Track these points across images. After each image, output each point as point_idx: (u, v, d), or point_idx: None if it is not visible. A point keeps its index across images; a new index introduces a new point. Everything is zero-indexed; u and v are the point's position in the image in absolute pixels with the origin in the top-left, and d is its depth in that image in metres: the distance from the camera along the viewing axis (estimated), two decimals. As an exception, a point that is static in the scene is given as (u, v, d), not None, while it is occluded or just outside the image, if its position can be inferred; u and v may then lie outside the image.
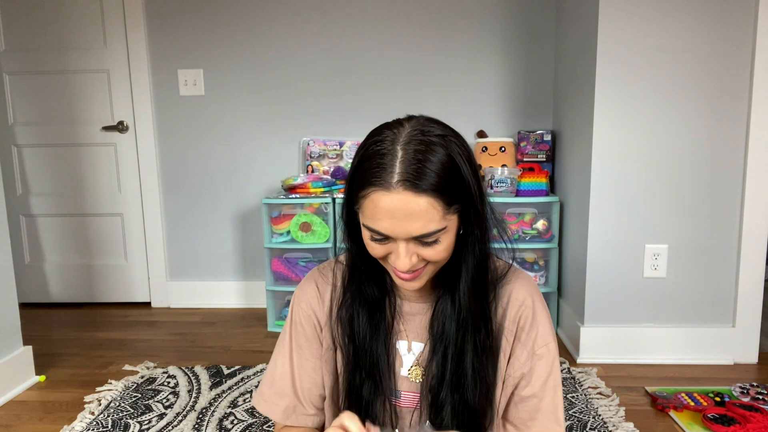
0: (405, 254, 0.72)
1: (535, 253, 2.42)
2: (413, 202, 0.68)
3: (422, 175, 0.68)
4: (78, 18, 2.71)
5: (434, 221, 0.70)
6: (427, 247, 0.73)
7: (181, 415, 1.75)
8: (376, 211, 0.70)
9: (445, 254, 0.75)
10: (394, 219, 0.69)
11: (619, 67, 1.95)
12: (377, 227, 0.71)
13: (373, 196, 0.70)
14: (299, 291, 0.90)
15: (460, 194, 0.72)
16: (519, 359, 0.83)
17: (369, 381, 0.83)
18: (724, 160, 1.99)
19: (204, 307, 2.89)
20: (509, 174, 2.40)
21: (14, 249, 2.80)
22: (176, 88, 2.76)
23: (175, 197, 2.86)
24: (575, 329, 2.17)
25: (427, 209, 0.69)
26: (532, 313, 0.83)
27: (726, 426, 1.58)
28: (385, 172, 0.69)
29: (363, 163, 0.72)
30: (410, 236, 0.70)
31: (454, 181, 0.71)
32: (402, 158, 0.69)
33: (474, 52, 2.66)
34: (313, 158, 2.68)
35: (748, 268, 2.02)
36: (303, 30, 2.68)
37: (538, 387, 0.82)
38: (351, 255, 0.83)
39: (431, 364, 0.82)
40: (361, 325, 0.83)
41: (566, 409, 1.73)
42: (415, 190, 0.68)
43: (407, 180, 0.68)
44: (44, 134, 2.81)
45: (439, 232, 0.71)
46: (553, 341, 0.84)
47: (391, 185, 0.68)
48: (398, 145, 0.70)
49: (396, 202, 0.68)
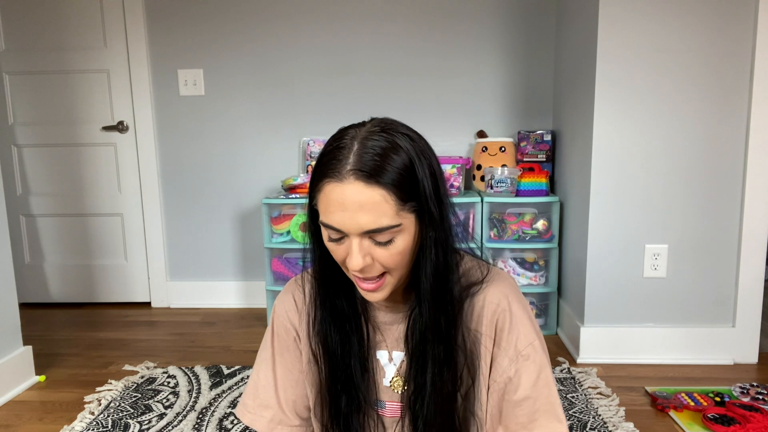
0: (357, 251, 0.70)
1: (535, 253, 2.42)
2: (364, 193, 0.67)
3: (375, 167, 0.67)
4: (78, 18, 2.71)
5: (387, 216, 0.68)
6: (381, 247, 0.71)
7: (181, 415, 1.75)
8: (329, 203, 0.69)
9: (400, 258, 0.72)
10: (345, 211, 0.68)
11: (619, 67, 1.95)
12: (330, 221, 0.70)
13: (326, 189, 0.69)
14: (278, 302, 0.90)
15: (416, 193, 0.70)
16: (501, 364, 0.80)
17: (345, 393, 0.82)
18: (724, 160, 1.99)
19: (204, 307, 2.89)
20: (509, 174, 2.40)
21: (14, 249, 2.80)
22: (176, 88, 2.76)
23: (175, 197, 2.86)
24: (575, 329, 2.17)
25: (379, 202, 0.67)
26: (509, 315, 0.80)
27: (726, 426, 1.58)
28: (339, 164, 0.68)
29: (321, 159, 0.72)
30: (362, 230, 0.69)
31: (409, 179, 0.70)
32: (357, 151, 0.68)
33: (474, 52, 2.66)
34: (313, 158, 2.68)
35: (748, 268, 2.02)
36: (303, 30, 2.68)
37: (529, 388, 0.78)
38: (317, 265, 0.81)
39: (409, 373, 0.81)
40: (332, 338, 0.82)
41: (566, 409, 1.73)
42: (367, 181, 0.67)
43: (359, 170, 0.67)
44: (44, 134, 2.81)
45: (393, 228, 0.69)
46: (538, 339, 0.80)
47: (342, 176, 0.68)
48: (356, 141, 0.70)
49: (347, 192, 0.67)
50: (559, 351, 2.24)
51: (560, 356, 2.17)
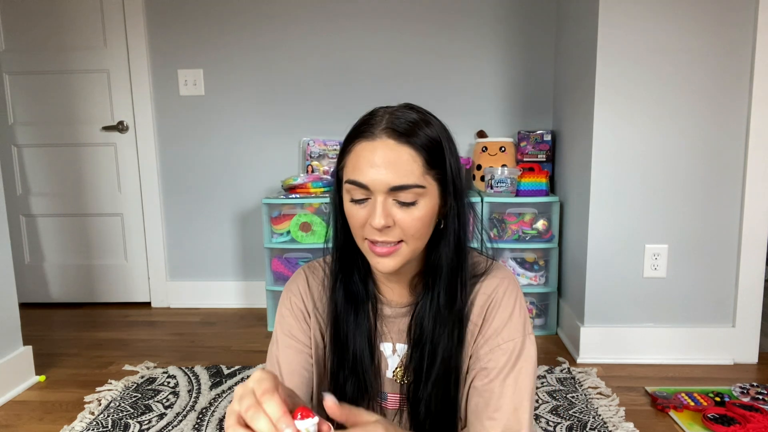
0: (381, 209, 0.72)
1: (535, 253, 2.42)
2: (394, 150, 0.71)
3: (407, 129, 0.72)
4: (78, 18, 2.71)
5: (414, 175, 0.71)
6: (404, 209, 0.73)
7: (181, 415, 1.75)
8: (359, 160, 0.72)
9: (420, 225, 0.74)
10: (373, 167, 0.71)
11: (619, 67, 1.95)
12: (357, 177, 0.72)
13: (357, 148, 0.73)
14: (290, 285, 0.90)
15: (442, 164, 0.74)
16: (478, 352, 0.80)
17: (352, 378, 0.83)
18: (724, 160, 1.99)
19: (204, 307, 2.89)
20: (509, 174, 2.40)
21: (14, 249, 2.80)
22: (176, 88, 2.76)
23: (175, 197, 2.86)
24: (575, 329, 2.17)
25: (408, 161, 0.71)
26: (498, 306, 0.80)
27: (726, 426, 1.58)
28: (372, 126, 0.73)
29: (353, 128, 0.76)
30: (388, 186, 0.71)
31: (437, 151, 0.74)
32: (390, 116, 0.73)
33: (474, 52, 2.66)
34: (313, 158, 2.68)
35: (748, 268, 2.02)
36: (303, 30, 2.68)
37: (498, 383, 0.77)
38: (338, 239, 0.83)
39: (410, 364, 0.82)
40: (346, 320, 0.83)
41: (566, 409, 1.74)
42: (398, 139, 0.71)
43: (392, 129, 0.71)
44: (44, 134, 2.81)
45: (418, 188, 0.72)
46: (522, 337, 0.79)
47: (374, 135, 0.72)
48: (388, 113, 0.74)
49: (377, 148, 0.71)
50: (559, 351, 2.24)
51: (560, 356, 2.17)
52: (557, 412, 1.72)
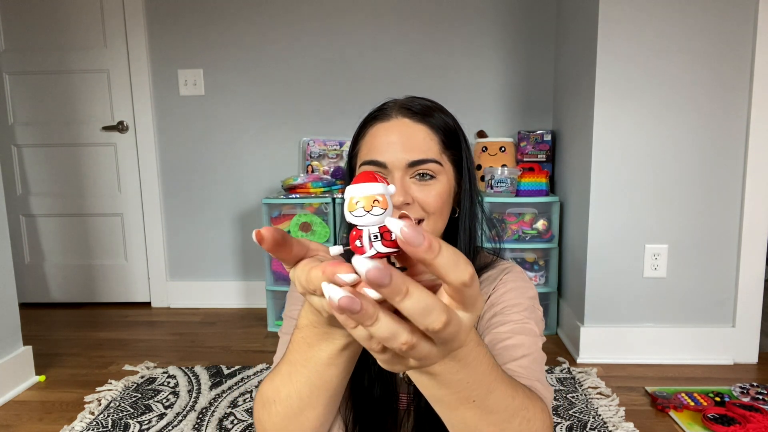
0: (399, 185, 0.71)
1: (535, 253, 2.42)
2: (411, 127, 0.72)
3: (423, 110, 0.73)
4: (78, 18, 2.71)
5: (431, 150, 0.72)
6: (422, 185, 0.72)
7: (181, 415, 1.75)
8: (375, 140, 0.73)
9: (439, 202, 0.72)
10: (390, 144, 0.71)
11: (619, 67, 1.95)
12: (374, 156, 0.72)
13: (372, 130, 0.74)
14: None
15: (457, 147, 0.75)
16: (490, 321, 0.77)
17: (378, 382, 0.80)
18: (724, 160, 1.99)
19: (204, 307, 2.89)
20: (509, 174, 2.40)
21: (14, 249, 2.80)
22: (176, 88, 2.76)
23: (175, 197, 2.86)
24: (575, 329, 2.17)
25: (425, 138, 0.72)
26: (501, 290, 0.77)
27: (726, 426, 1.58)
28: (387, 109, 0.74)
29: (366, 118, 0.77)
30: (406, 161, 0.71)
31: (452, 135, 0.75)
32: (404, 101, 0.75)
33: (474, 51, 2.66)
34: (313, 158, 2.68)
35: (748, 268, 2.02)
36: (303, 30, 2.68)
37: (515, 333, 0.72)
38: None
39: None
40: None
41: (566, 409, 1.73)
42: (414, 118, 0.72)
43: (407, 109, 0.73)
44: (44, 134, 2.81)
45: (435, 163, 0.72)
46: (527, 314, 0.74)
47: (390, 116, 0.73)
48: (401, 100, 0.76)
49: (394, 127, 0.72)
50: (559, 351, 2.24)
51: (560, 356, 2.17)
52: (557, 412, 1.72)
